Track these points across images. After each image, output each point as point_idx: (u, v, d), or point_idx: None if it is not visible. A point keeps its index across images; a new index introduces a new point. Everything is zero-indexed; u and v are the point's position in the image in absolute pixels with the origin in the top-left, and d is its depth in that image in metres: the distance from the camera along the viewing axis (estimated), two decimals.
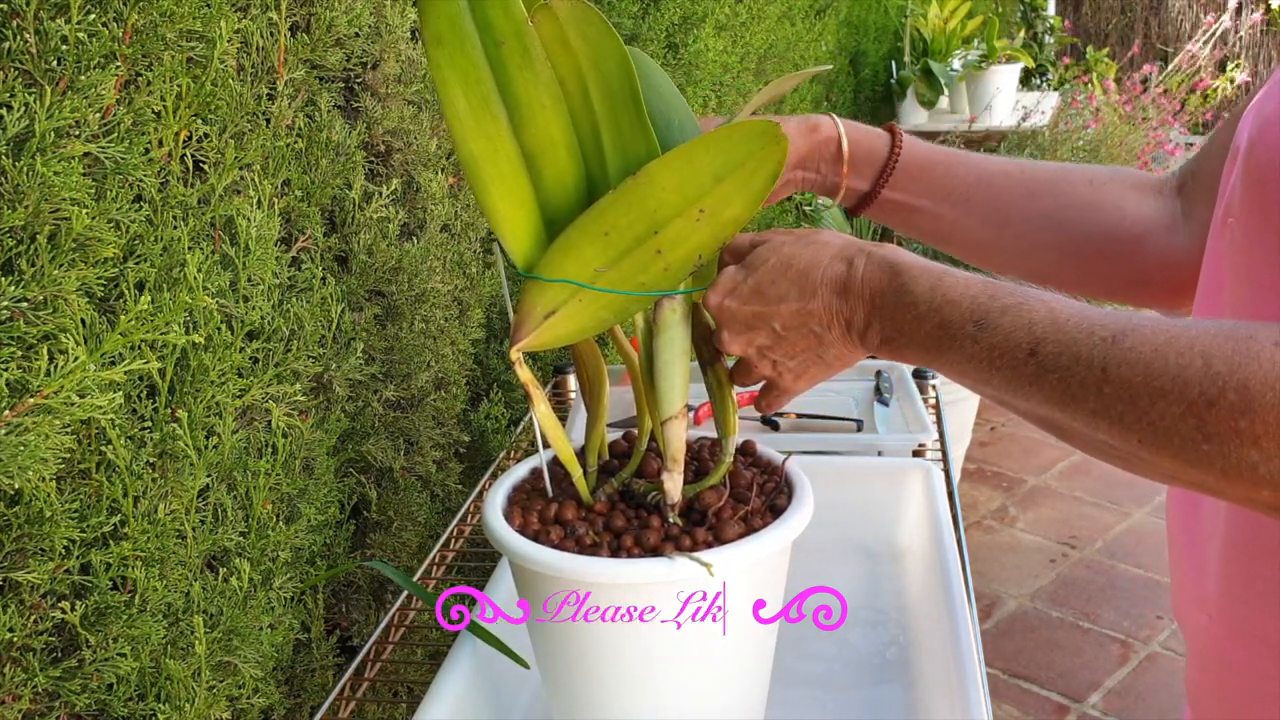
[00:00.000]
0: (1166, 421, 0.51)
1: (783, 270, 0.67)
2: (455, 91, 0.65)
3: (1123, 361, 0.52)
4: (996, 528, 2.94)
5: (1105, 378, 0.53)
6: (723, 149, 0.63)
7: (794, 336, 0.67)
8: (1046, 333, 0.56)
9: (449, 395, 1.17)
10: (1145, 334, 0.53)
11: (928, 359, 0.61)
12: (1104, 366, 0.53)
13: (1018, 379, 0.56)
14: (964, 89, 4.15)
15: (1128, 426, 0.52)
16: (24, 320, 0.59)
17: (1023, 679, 2.33)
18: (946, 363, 0.60)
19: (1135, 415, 0.52)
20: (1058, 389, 0.55)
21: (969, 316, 0.59)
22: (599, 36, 0.67)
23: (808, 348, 0.68)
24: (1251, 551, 0.67)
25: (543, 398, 0.71)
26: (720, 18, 2.18)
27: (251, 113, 0.80)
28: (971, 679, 0.76)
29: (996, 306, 0.58)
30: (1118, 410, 0.52)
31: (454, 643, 0.83)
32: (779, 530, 0.70)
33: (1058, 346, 0.55)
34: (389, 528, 1.09)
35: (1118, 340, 0.53)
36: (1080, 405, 0.54)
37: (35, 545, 0.62)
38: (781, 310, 0.67)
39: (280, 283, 0.85)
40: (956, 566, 0.92)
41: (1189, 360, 0.51)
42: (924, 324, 0.61)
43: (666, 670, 0.70)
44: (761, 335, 0.69)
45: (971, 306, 0.59)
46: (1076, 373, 0.54)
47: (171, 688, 0.71)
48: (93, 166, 0.63)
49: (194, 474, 0.73)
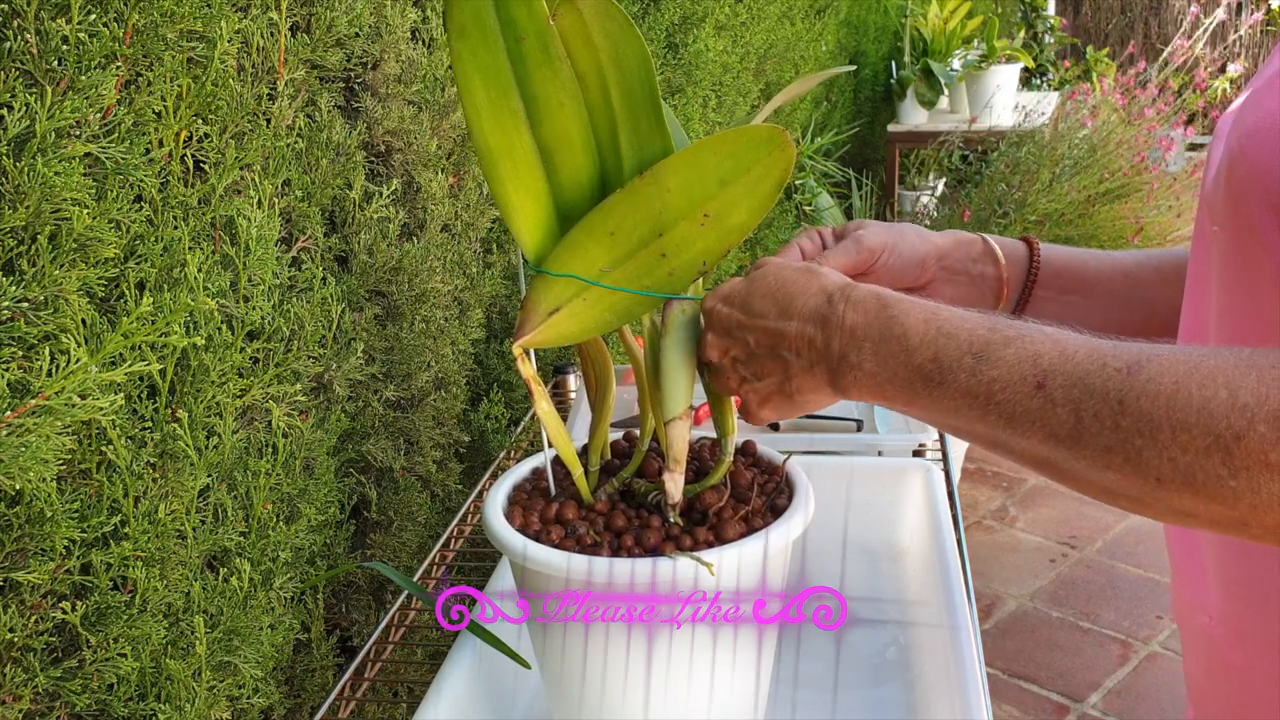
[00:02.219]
0: (1189, 457, 0.48)
1: (773, 288, 0.65)
2: (475, 84, 0.65)
3: (1142, 394, 0.49)
4: (996, 528, 2.94)
5: (1122, 410, 0.50)
6: (729, 152, 0.63)
7: (764, 357, 0.65)
8: (1055, 364, 0.52)
9: (449, 395, 1.17)
10: (1163, 365, 0.50)
11: (912, 396, 0.58)
12: (1120, 399, 0.50)
13: (1020, 415, 0.53)
14: (964, 89, 4.15)
15: (1145, 463, 0.49)
16: (25, 320, 0.59)
17: (1023, 679, 2.33)
18: (936, 399, 0.57)
19: (1155, 450, 0.49)
20: (1067, 424, 0.51)
21: (967, 349, 0.56)
22: (621, 34, 0.67)
23: (774, 372, 0.65)
24: (1251, 554, 0.66)
25: (544, 394, 0.71)
26: (720, 18, 2.18)
27: (252, 113, 0.80)
28: (972, 679, 0.76)
29: (998, 339, 0.55)
30: (1135, 445, 0.49)
31: (454, 643, 0.83)
32: (779, 530, 0.70)
33: (1068, 379, 0.52)
34: (389, 528, 1.09)
35: (1134, 372, 0.50)
36: (1092, 442, 0.51)
37: (36, 545, 0.62)
38: (758, 325, 0.65)
39: (280, 283, 0.85)
40: (956, 566, 0.92)
41: (1213, 392, 0.48)
42: (915, 357, 0.57)
43: (666, 670, 0.70)
44: (736, 347, 0.67)
45: (970, 339, 0.56)
46: (1089, 406, 0.51)
47: (172, 688, 0.71)
48: (93, 167, 0.63)
49: (194, 474, 0.73)
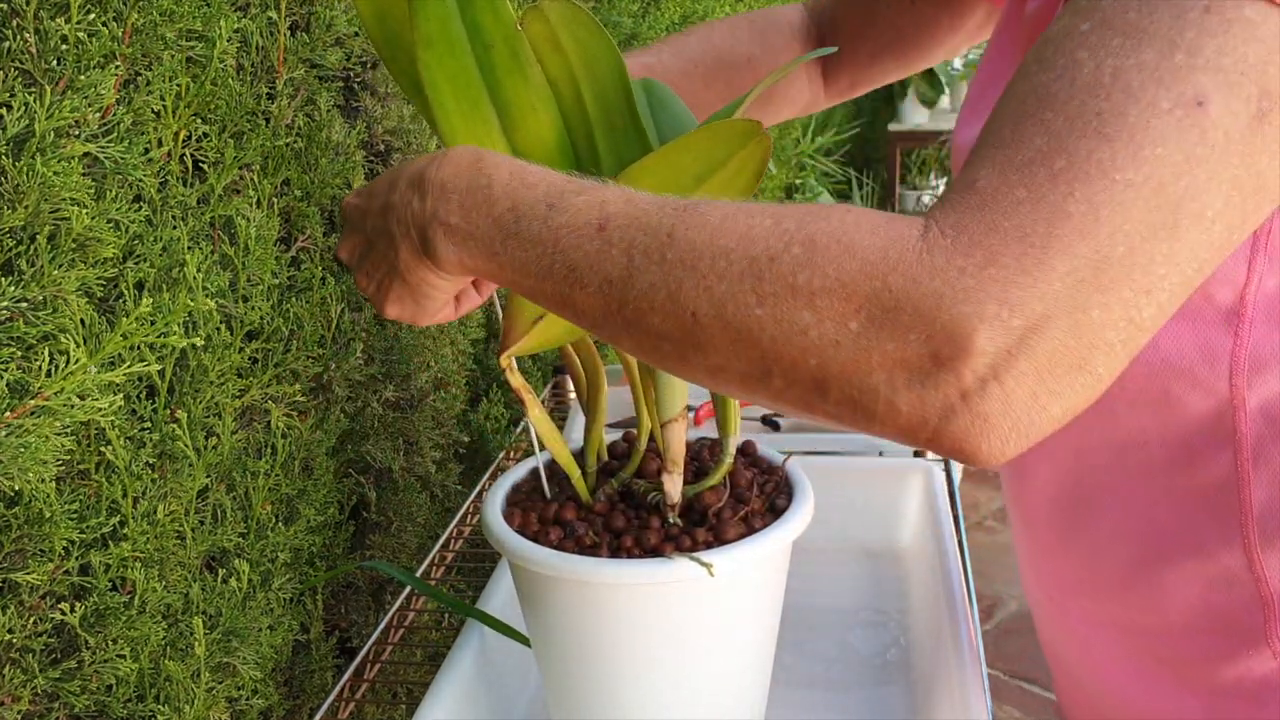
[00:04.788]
0: (724, 285, 0.47)
1: (394, 169, 0.63)
2: (445, 94, 0.65)
3: (690, 225, 0.49)
4: (998, 528, 2.93)
5: (670, 242, 0.49)
6: (704, 150, 0.63)
7: (379, 241, 0.63)
8: (619, 209, 0.52)
9: (448, 395, 1.17)
10: (721, 204, 0.50)
11: (491, 252, 0.56)
12: (670, 232, 0.49)
13: (580, 261, 0.52)
14: (965, 88, 4.15)
15: (684, 296, 0.48)
16: (24, 320, 0.58)
17: (1024, 679, 2.33)
18: (510, 252, 0.55)
19: (694, 280, 0.48)
20: (620, 264, 0.50)
21: (543, 198, 0.54)
22: (590, 38, 0.67)
23: (388, 252, 0.63)
24: (1081, 531, 0.71)
25: (536, 402, 0.71)
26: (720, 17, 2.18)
27: (251, 112, 0.80)
28: (973, 680, 0.76)
29: (573, 188, 0.54)
30: (677, 278, 0.48)
31: (454, 643, 0.83)
32: (779, 531, 0.70)
33: (627, 219, 0.51)
34: (388, 528, 1.09)
35: (689, 209, 0.50)
36: (639, 280, 0.50)
37: (35, 546, 0.62)
38: (373, 207, 0.63)
39: (280, 283, 0.85)
40: (958, 567, 0.91)
41: (759, 221, 0.48)
42: (495, 207, 0.56)
43: (666, 670, 0.70)
44: (358, 237, 0.66)
45: (547, 190, 0.55)
46: (641, 243, 0.50)
47: (171, 689, 0.71)
48: (92, 166, 0.63)
49: (193, 475, 0.73)
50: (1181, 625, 0.67)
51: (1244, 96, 0.44)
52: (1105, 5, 0.46)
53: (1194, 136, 0.44)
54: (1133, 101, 0.44)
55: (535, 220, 0.54)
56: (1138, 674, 0.71)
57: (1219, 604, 0.64)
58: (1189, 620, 0.66)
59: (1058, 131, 0.44)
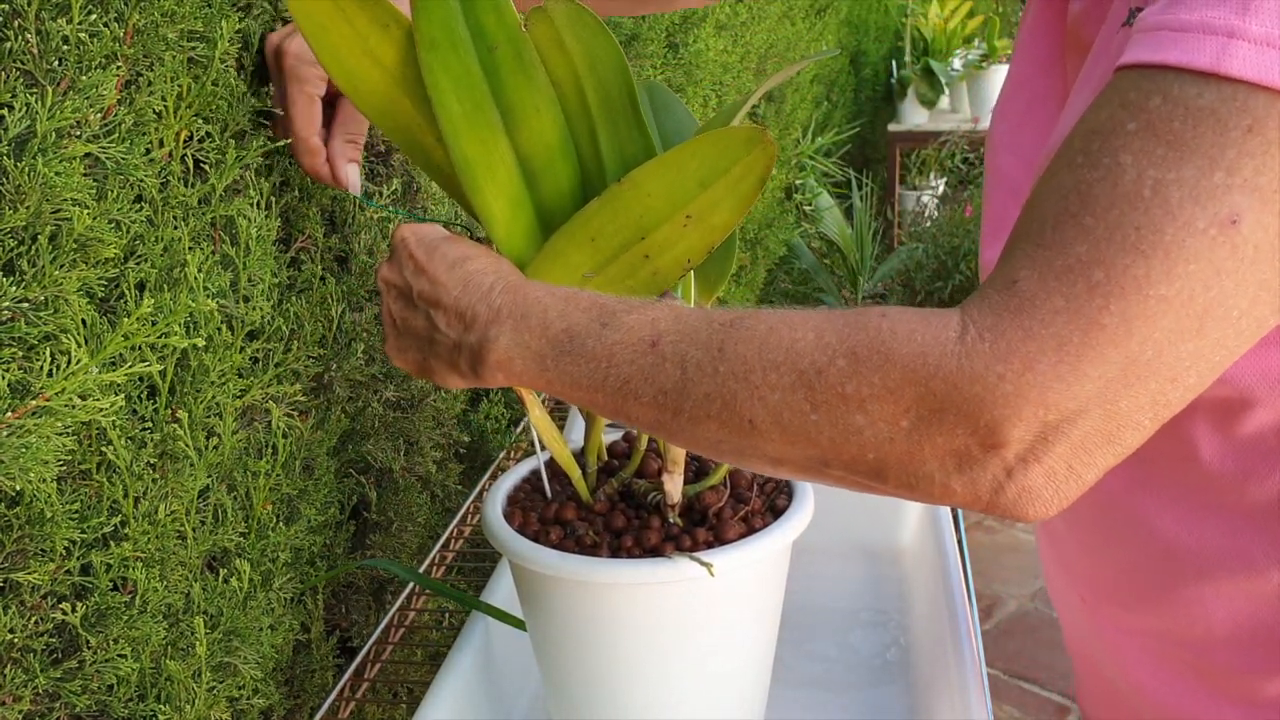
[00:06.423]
0: (778, 395, 0.51)
1: (455, 256, 0.65)
2: (449, 96, 0.65)
3: (739, 340, 0.53)
4: (997, 528, 2.93)
5: (721, 356, 0.53)
6: (709, 155, 0.63)
7: (419, 312, 0.66)
8: (668, 325, 0.56)
9: (449, 395, 1.17)
10: (762, 315, 0.54)
11: (541, 369, 0.60)
12: (720, 346, 0.53)
13: (635, 375, 0.56)
14: (965, 89, 4.16)
15: (740, 406, 0.52)
16: (25, 321, 0.59)
17: (1023, 679, 2.33)
18: (564, 367, 0.59)
19: (748, 392, 0.52)
20: (674, 377, 0.54)
21: (596, 317, 0.58)
22: (594, 38, 0.67)
23: (421, 331, 0.66)
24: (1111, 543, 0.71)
25: (536, 402, 0.71)
26: (720, 18, 2.18)
27: (252, 112, 0.80)
28: (972, 679, 0.76)
29: (623, 307, 0.58)
30: (731, 389, 0.52)
31: (454, 643, 0.83)
32: (779, 530, 0.70)
33: (678, 336, 0.55)
34: (389, 528, 1.09)
35: (735, 324, 0.54)
36: (694, 391, 0.54)
37: (36, 546, 0.62)
38: (429, 284, 0.65)
39: (280, 282, 0.85)
40: (957, 566, 0.92)
41: (801, 334, 0.52)
42: (550, 329, 0.59)
43: (666, 671, 0.70)
44: (402, 286, 0.67)
45: (600, 311, 0.59)
46: (693, 357, 0.54)
47: (172, 689, 0.71)
48: (94, 167, 0.63)
49: (194, 475, 0.73)
50: (1223, 638, 0.66)
51: (1276, 211, 0.46)
52: (1153, 108, 0.48)
53: (1225, 251, 0.46)
54: (1170, 219, 0.46)
55: (590, 338, 0.58)
56: (1171, 681, 0.70)
57: (1267, 620, 0.64)
58: (1231, 634, 0.66)
59: (1098, 240, 0.47)
